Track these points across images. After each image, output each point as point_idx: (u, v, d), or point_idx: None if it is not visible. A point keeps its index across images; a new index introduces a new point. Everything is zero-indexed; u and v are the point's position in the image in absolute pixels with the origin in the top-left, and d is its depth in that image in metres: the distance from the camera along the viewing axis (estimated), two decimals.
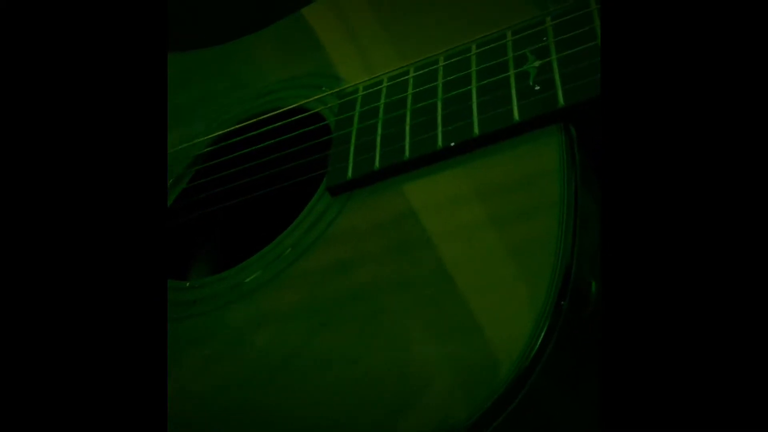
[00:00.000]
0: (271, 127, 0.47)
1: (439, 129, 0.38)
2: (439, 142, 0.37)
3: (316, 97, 0.47)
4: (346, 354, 0.34)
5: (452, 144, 0.37)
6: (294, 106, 0.47)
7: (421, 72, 0.42)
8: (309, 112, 0.46)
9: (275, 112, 0.48)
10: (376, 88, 0.43)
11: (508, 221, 0.34)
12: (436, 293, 0.33)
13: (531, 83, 0.37)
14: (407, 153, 0.38)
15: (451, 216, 0.36)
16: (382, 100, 0.42)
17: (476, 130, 0.37)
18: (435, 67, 0.41)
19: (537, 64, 0.37)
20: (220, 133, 0.50)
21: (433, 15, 0.47)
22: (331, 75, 0.48)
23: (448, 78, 0.40)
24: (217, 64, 0.57)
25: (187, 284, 0.42)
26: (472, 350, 0.31)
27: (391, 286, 0.35)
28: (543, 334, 0.29)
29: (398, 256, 0.36)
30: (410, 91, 0.41)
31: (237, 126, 0.49)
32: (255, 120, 0.48)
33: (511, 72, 0.38)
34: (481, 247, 0.34)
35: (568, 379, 0.32)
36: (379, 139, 0.40)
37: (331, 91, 0.46)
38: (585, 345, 0.32)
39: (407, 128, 0.39)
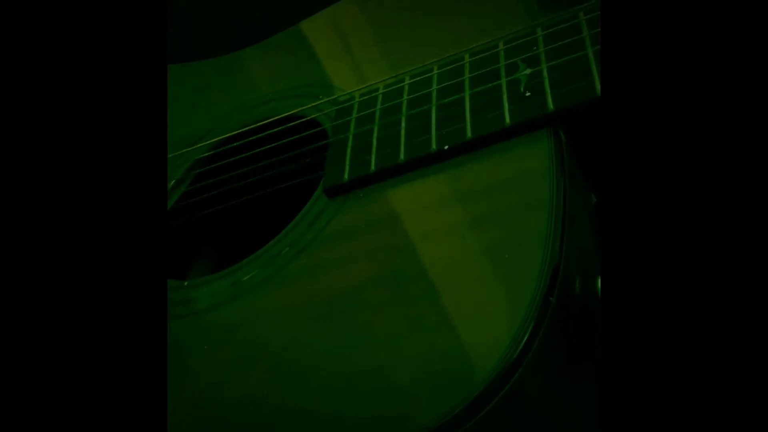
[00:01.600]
0: (269, 132, 0.48)
1: (433, 133, 0.39)
2: (433, 145, 0.39)
3: (313, 104, 0.48)
4: (342, 349, 0.34)
5: (446, 147, 0.38)
6: (292, 113, 0.48)
7: (415, 80, 0.43)
8: (306, 118, 0.47)
9: (273, 119, 0.49)
10: (372, 95, 0.44)
11: (500, 219, 0.35)
12: (428, 289, 0.34)
13: (522, 89, 0.38)
14: (402, 156, 0.39)
15: (445, 215, 0.37)
16: (378, 106, 0.43)
17: (469, 134, 0.38)
18: (429, 75, 0.43)
19: (528, 71, 0.39)
20: (220, 138, 0.51)
21: (427, 29, 0.48)
22: (327, 85, 0.49)
23: (442, 85, 0.42)
24: (216, 75, 0.59)
25: (186, 283, 0.43)
26: (462, 343, 0.32)
27: (385, 283, 0.36)
28: (530, 328, 0.30)
29: (393, 254, 0.37)
30: (405, 97, 0.42)
31: (236, 132, 0.50)
32: (254, 126, 0.50)
33: (503, 79, 0.39)
34: (474, 244, 0.35)
35: (554, 373, 0.33)
36: (374, 142, 0.41)
37: (328, 99, 0.47)
38: (570, 340, 0.33)
39: (402, 132, 0.41)
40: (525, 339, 0.30)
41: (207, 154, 0.51)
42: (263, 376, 0.36)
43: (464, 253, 0.35)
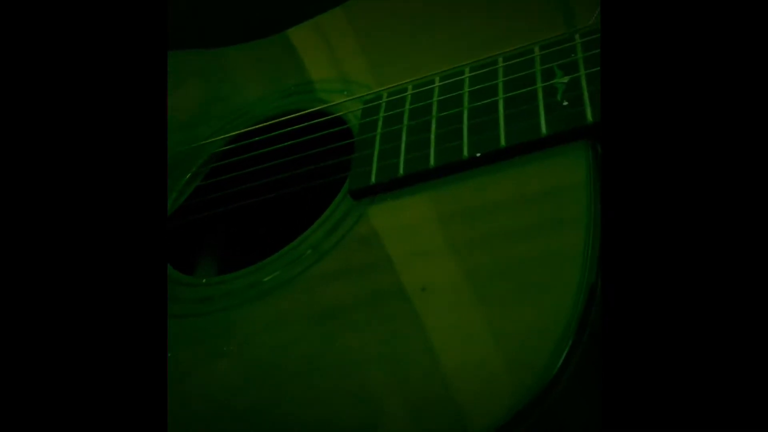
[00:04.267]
0: (291, 128, 0.47)
1: (465, 139, 0.38)
2: (465, 152, 0.38)
3: (339, 101, 0.47)
4: (363, 357, 0.33)
5: (478, 154, 0.37)
6: (316, 109, 0.47)
7: (446, 81, 0.42)
8: (331, 116, 0.46)
9: (296, 114, 0.48)
10: (400, 95, 0.43)
11: (535, 232, 0.34)
12: (458, 300, 0.34)
13: (559, 98, 0.37)
14: (432, 161, 0.38)
15: (477, 225, 0.36)
16: (407, 106, 0.42)
17: (503, 142, 0.37)
18: (461, 77, 0.42)
19: (565, 79, 0.38)
20: (239, 132, 0.50)
21: (457, 28, 0.47)
22: (353, 81, 0.48)
23: (474, 87, 0.40)
24: (211, 66, 0.58)
25: (204, 281, 0.42)
26: (495, 358, 0.31)
27: (411, 292, 0.35)
28: (569, 347, 0.29)
29: (420, 262, 0.36)
30: (435, 98, 0.41)
31: (256, 126, 0.49)
32: (275, 121, 0.48)
33: (539, 85, 0.38)
34: (507, 256, 0.34)
35: (590, 392, 0.32)
36: (403, 145, 0.40)
37: (355, 97, 0.46)
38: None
39: (432, 136, 0.39)
40: (563, 358, 0.29)
41: (224, 148, 0.50)
42: (280, 382, 0.35)
43: (497, 263, 0.34)
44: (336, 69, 0.51)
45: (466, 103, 0.40)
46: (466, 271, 0.35)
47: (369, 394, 0.32)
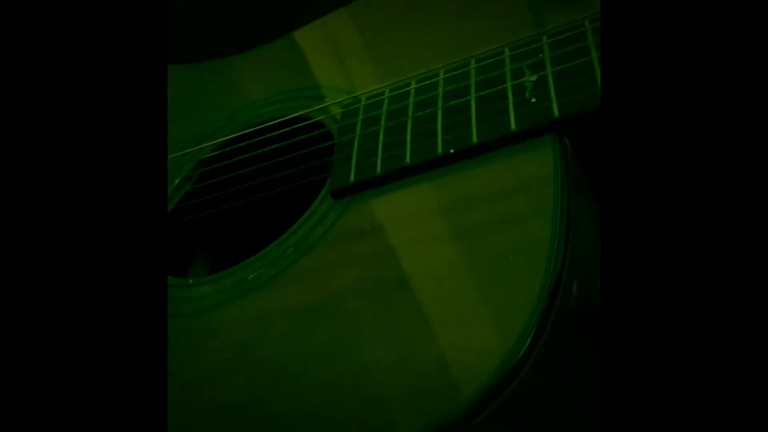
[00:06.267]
0: (275, 133, 0.49)
1: (439, 136, 0.40)
2: (439, 149, 0.39)
3: (319, 106, 0.48)
4: (347, 351, 0.35)
5: (451, 151, 0.39)
6: (297, 114, 0.49)
7: (421, 83, 0.44)
8: (312, 120, 0.48)
9: (279, 120, 0.49)
10: (378, 98, 0.45)
11: (505, 224, 0.35)
12: (435, 292, 0.35)
13: (527, 96, 0.39)
14: (408, 159, 0.40)
15: (450, 219, 0.37)
16: (384, 109, 0.43)
17: (475, 138, 0.38)
18: (435, 79, 0.43)
19: (533, 77, 0.39)
20: (225, 138, 0.51)
21: (431, 34, 0.49)
22: (333, 87, 0.50)
23: (448, 88, 0.42)
24: (220, 76, 0.59)
25: (190, 281, 0.43)
26: (466, 344, 0.32)
27: (391, 286, 0.36)
28: (532, 334, 0.31)
29: (398, 256, 0.37)
30: (411, 100, 0.43)
31: (242, 132, 0.51)
32: (259, 127, 0.50)
33: (509, 84, 0.40)
34: (479, 248, 0.35)
35: (553, 380, 0.33)
36: (381, 145, 0.42)
37: (334, 101, 0.48)
38: (569, 344, 0.33)
39: (408, 135, 0.41)
40: (526, 345, 0.31)
41: (212, 154, 0.51)
42: (266, 378, 0.36)
43: (468, 259, 0.35)
44: (319, 76, 0.52)
45: (440, 104, 0.42)
46: (443, 263, 0.36)
47: (346, 388, 0.33)
